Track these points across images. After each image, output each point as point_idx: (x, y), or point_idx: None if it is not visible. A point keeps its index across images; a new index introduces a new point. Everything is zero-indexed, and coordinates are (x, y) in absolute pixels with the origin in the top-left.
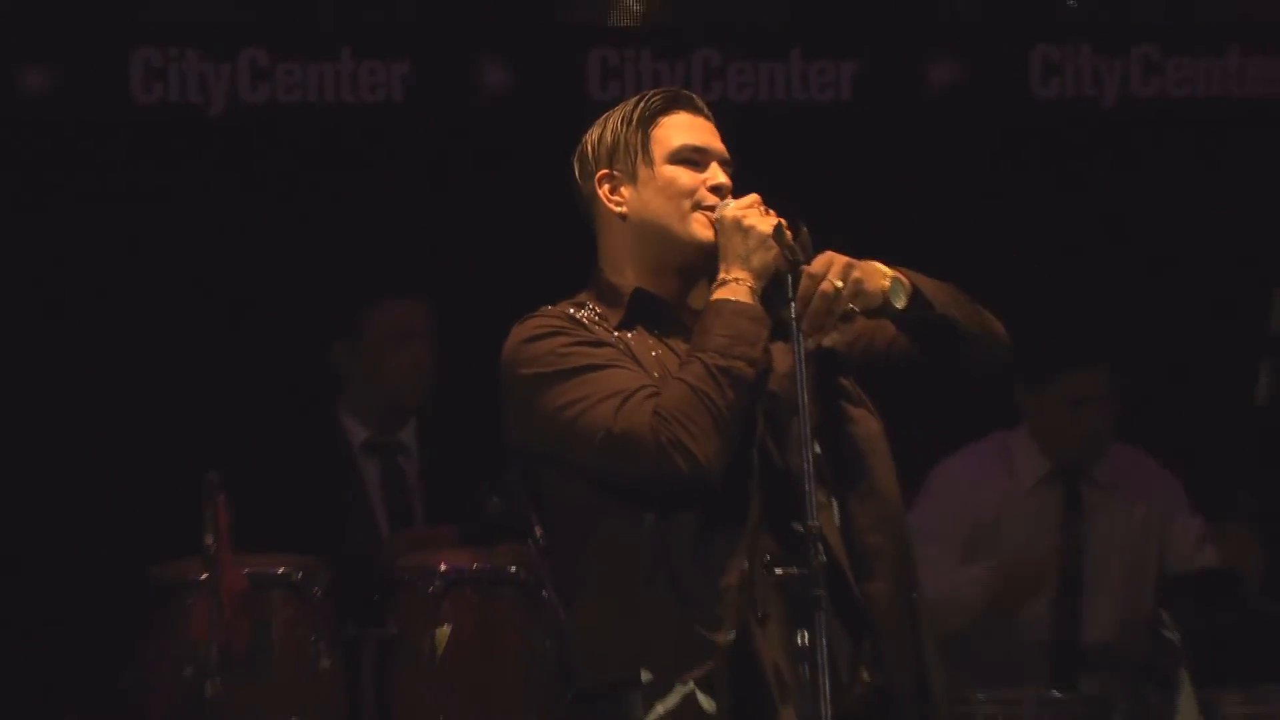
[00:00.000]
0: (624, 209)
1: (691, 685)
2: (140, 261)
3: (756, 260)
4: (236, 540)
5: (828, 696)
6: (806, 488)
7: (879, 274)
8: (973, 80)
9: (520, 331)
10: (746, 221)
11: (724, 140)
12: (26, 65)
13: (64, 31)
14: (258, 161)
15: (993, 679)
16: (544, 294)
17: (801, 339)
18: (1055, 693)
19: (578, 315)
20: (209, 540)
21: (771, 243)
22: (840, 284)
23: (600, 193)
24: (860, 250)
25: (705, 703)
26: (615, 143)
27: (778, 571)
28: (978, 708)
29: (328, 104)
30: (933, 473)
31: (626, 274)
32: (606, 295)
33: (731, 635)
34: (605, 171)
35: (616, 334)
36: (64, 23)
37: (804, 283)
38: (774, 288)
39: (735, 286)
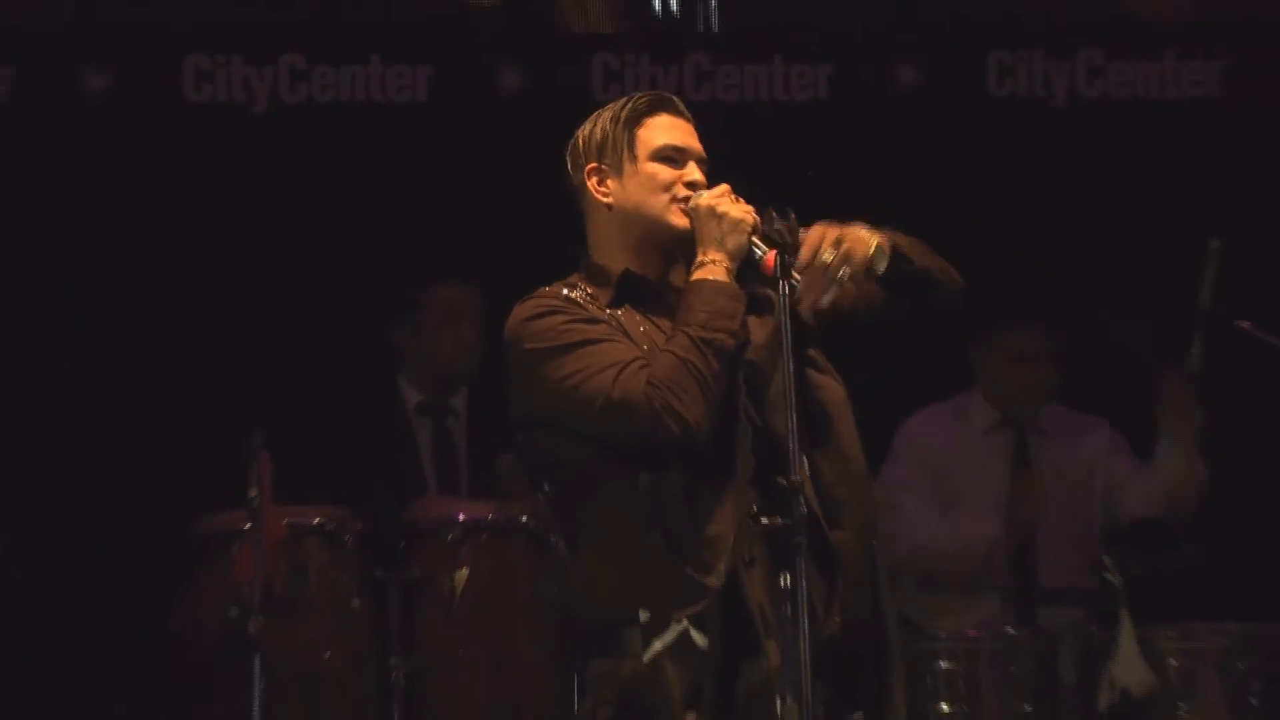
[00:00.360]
0: (610, 199)
1: (685, 623)
2: (195, 246)
3: (730, 243)
4: (278, 494)
5: (807, 632)
6: (791, 446)
7: (863, 241)
8: (932, 81)
9: (522, 310)
10: (719, 209)
11: (703, 139)
12: (89, 70)
13: (122, 39)
14: (297, 155)
15: (943, 621)
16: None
17: (788, 313)
18: (1010, 630)
19: (572, 295)
20: (253, 493)
21: (743, 226)
22: (832, 255)
23: (589, 184)
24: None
25: (698, 639)
26: (604, 140)
27: (764, 521)
28: (940, 644)
29: (359, 103)
30: (898, 432)
31: (613, 258)
32: (596, 277)
33: (721, 579)
34: (594, 165)
35: (608, 312)
36: (122, 32)
37: (803, 254)
38: (746, 266)
39: (712, 267)
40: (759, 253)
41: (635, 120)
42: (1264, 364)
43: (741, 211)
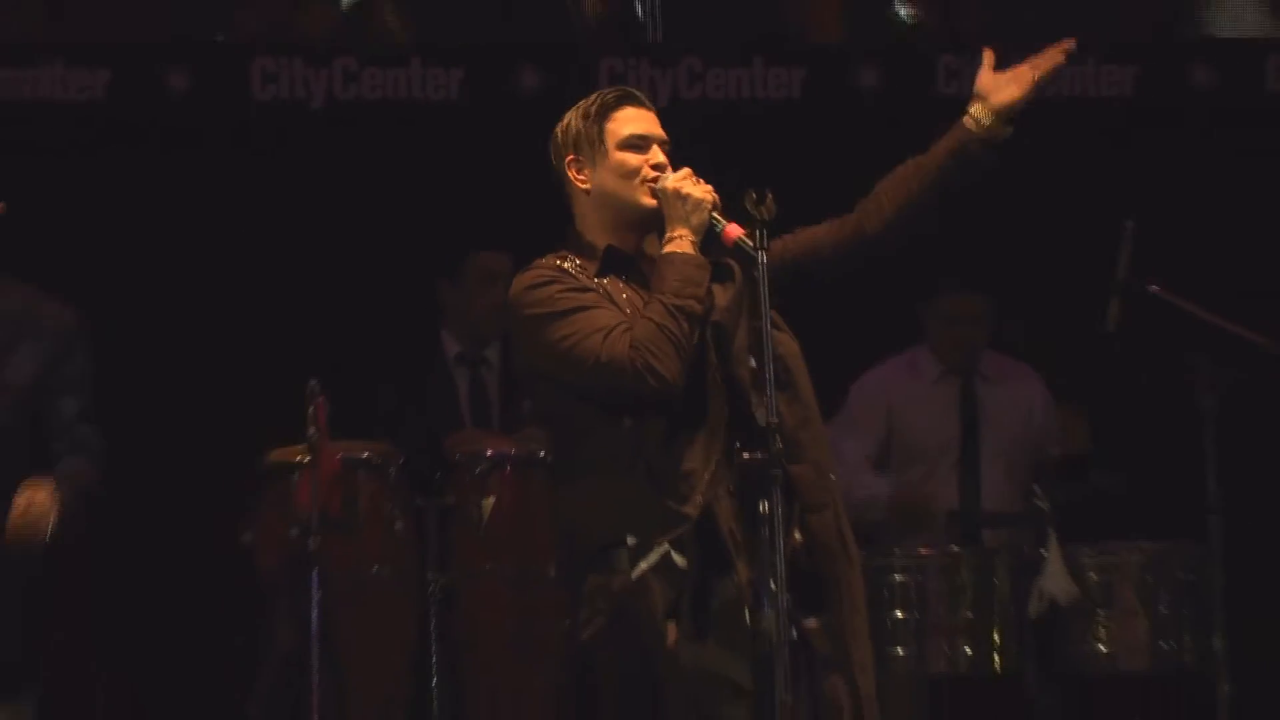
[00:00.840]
0: (587, 186)
1: (667, 546)
2: (267, 220)
3: (695, 220)
4: (333, 431)
5: (781, 550)
6: (769, 393)
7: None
8: (891, 85)
9: (522, 280)
10: (683, 191)
11: (696, 133)
12: (173, 72)
13: (200, 45)
14: (351, 143)
15: (896, 542)
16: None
17: (766, 278)
18: (955, 548)
19: (564, 266)
20: (311, 431)
21: (704, 205)
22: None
23: (570, 173)
24: (806, 206)
25: (678, 559)
26: (578, 134)
27: (745, 456)
28: (895, 560)
29: (401, 100)
30: (856, 384)
31: (596, 235)
32: (583, 251)
33: (697, 509)
34: (572, 156)
35: (595, 281)
36: (200, 38)
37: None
38: (709, 239)
39: (680, 241)
40: (719, 227)
41: (603, 115)
42: (1170, 321)
43: (702, 192)
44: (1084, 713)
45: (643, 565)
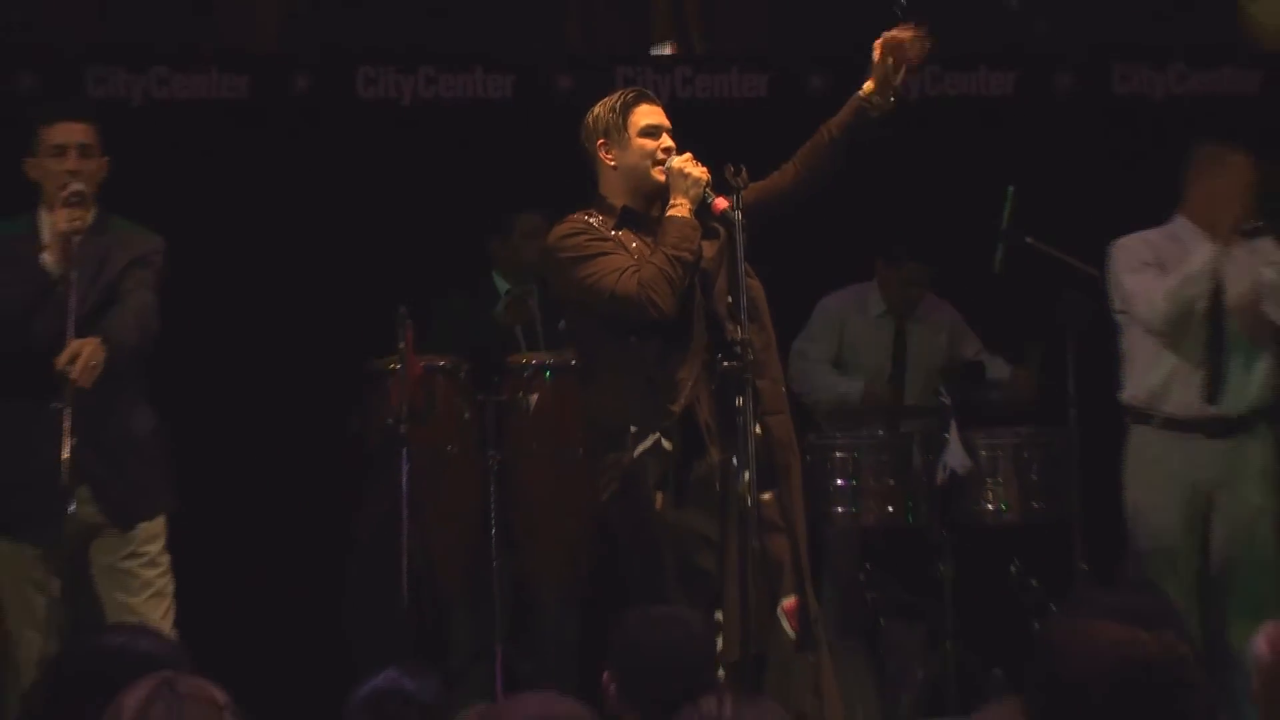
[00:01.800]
0: (614, 163)
1: (659, 434)
2: (370, 191)
3: (692, 193)
4: (416, 345)
5: (751, 436)
6: (742, 320)
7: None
8: (837, 88)
9: (558, 230)
10: (685, 170)
11: (673, 119)
12: (297, 73)
13: (319, 53)
14: (431, 132)
15: (846, 426)
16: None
17: (741, 236)
18: (881, 432)
19: (590, 221)
20: (401, 345)
21: (700, 182)
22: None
23: (600, 154)
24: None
25: (666, 444)
26: (607, 124)
27: (724, 364)
28: (837, 441)
29: (469, 99)
30: (818, 304)
31: (616, 198)
32: (605, 210)
33: (681, 406)
34: (602, 140)
35: (613, 233)
36: (320, 46)
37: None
38: (701, 208)
39: (680, 208)
40: (710, 199)
41: (626, 109)
42: (1042, 265)
43: (699, 172)
44: (975, 554)
45: (641, 447)
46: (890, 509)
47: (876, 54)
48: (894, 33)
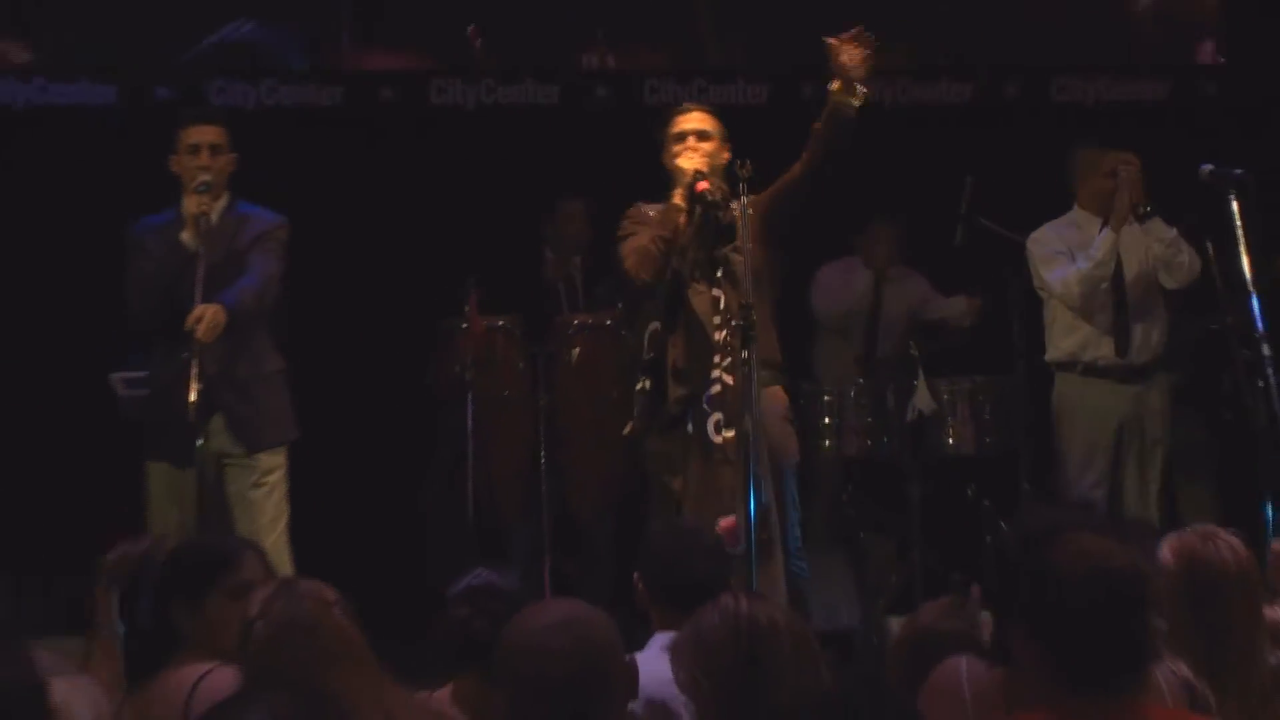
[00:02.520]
0: (669, 161)
1: (644, 379)
2: (442, 183)
3: (684, 182)
4: (481, 307)
5: (755, 383)
6: (746, 285)
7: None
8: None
9: (625, 214)
10: (679, 164)
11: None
12: (383, 87)
13: (400, 70)
14: (491, 132)
15: (828, 378)
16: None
17: (744, 215)
18: (860, 380)
19: (644, 208)
20: (467, 308)
21: (687, 173)
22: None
23: (665, 153)
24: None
25: (646, 384)
26: (665, 130)
27: (733, 323)
28: (824, 387)
29: (522, 105)
30: (820, 270)
31: (672, 187)
32: (662, 197)
33: (650, 355)
34: (663, 145)
35: (656, 210)
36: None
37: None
38: (692, 194)
39: (675, 196)
40: (692, 186)
41: (670, 119)
42: (993, 241)
43: (689, 165)
44: (938, 480)
45: (637, 388)
46: (868, 442)
47: (836, 62)
48: (831, 41)
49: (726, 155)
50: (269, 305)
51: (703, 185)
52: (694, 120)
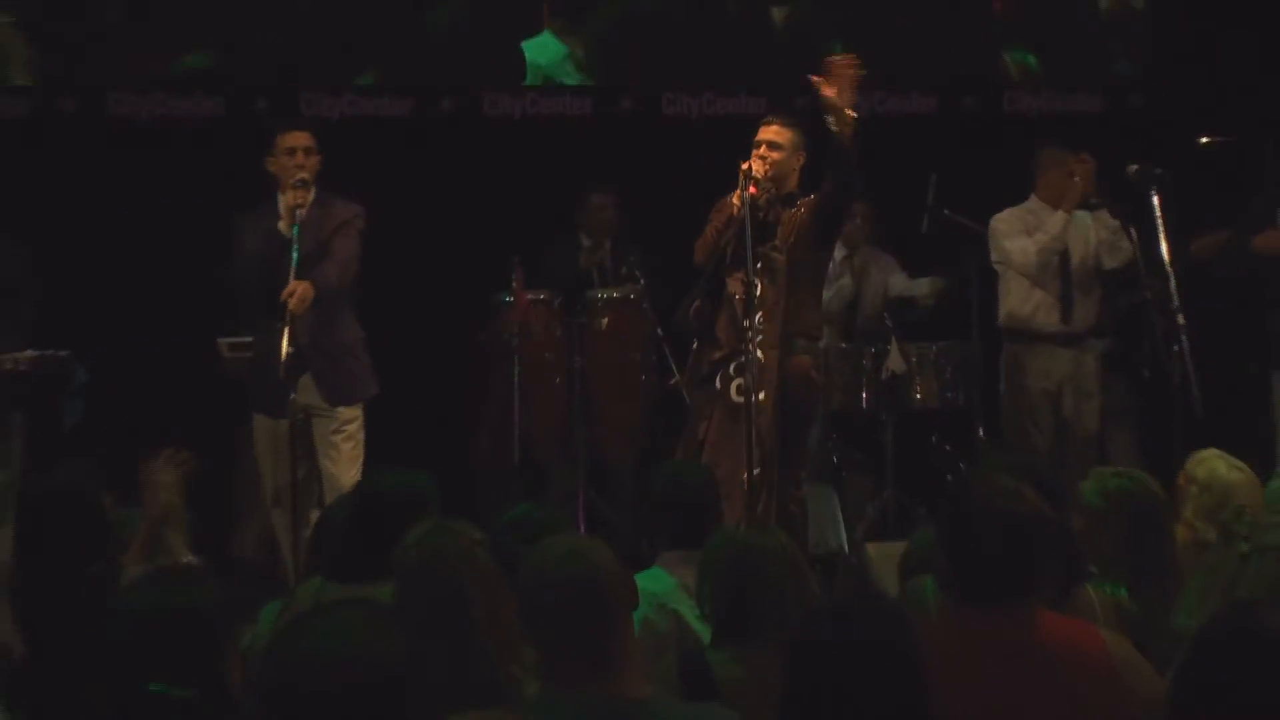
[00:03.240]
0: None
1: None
2: (492, 181)
3: (742, 181)
4: (525, 284)
5: (756, 328)
6: (750, 265)
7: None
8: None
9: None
10: (742, 167)
11: (705, 131)
12: (442, 97)
13: (435, 85)
14: (535, 138)
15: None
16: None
17: (749, 214)
18: (843, 345)
19: (730, 197)
20: (513, 285)
21: (743, 173)
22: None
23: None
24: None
25: (695, 346)
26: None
27: (758, 291)
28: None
29: (560, 114)
30: None
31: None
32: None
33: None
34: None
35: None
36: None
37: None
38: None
39: (734, 194)
40: (746, 188)
41: (758, 128)
42: (954, 229)
43: (745, 168)
44: (907, 429)
45: (693, 347)
46: (849, 397)
47: (824, 94)
48: (814, 79)
49: (797, 162)
50: (349, 282)
51: (751, 190)
52: (768, 133)
